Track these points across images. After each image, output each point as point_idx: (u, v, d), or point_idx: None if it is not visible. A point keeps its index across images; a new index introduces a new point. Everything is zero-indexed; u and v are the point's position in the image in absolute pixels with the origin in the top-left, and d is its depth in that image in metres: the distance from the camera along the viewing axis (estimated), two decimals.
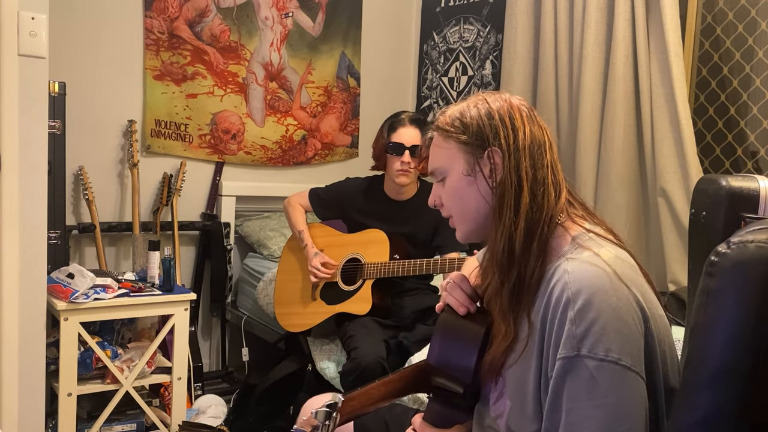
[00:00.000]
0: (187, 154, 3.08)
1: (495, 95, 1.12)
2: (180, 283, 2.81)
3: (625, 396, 0.91)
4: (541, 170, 1.06)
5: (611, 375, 0.90)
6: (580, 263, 0.98)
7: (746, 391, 0.79)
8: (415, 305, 2.35)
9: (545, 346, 0.98)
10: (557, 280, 0.98)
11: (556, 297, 0.96)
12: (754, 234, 0.81)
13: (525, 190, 1.04)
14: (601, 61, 2.65)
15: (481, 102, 1.11)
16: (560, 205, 1.07)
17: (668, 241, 2.44)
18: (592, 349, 0.91)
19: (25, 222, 1.95)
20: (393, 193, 2.42)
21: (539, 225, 1.04)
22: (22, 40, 1.90)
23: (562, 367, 0.93)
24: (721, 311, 0.81)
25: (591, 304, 0.93)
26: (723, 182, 0.96)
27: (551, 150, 1.09)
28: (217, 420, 2.60)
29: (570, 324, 0.93)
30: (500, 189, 1.06)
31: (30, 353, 2.02)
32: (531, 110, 1.11)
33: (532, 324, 1.02)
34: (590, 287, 0.94)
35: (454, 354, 1.11)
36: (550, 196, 1.05)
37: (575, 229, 1.05)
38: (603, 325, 0.92)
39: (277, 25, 3.29)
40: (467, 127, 1.09)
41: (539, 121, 1.11)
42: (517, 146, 1.06)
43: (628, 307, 0.94)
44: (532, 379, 1.00)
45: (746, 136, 2.44)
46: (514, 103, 1.10)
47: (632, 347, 0.93)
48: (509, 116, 1.08)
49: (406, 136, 2.30)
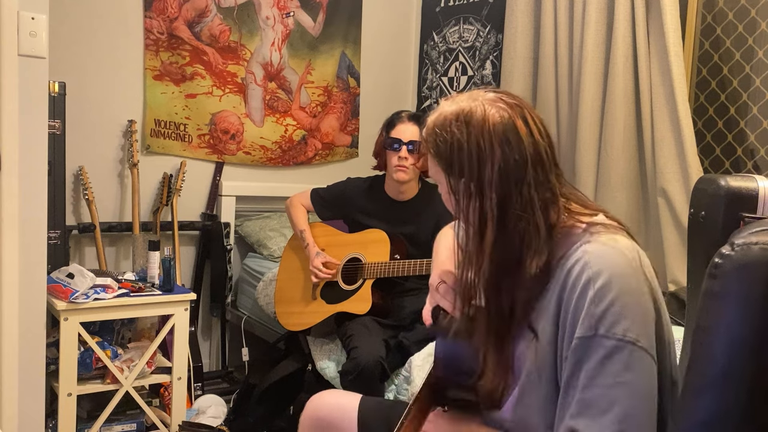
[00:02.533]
0: (186, 154, 3.08)
1: (474, 107, 1.04)
2: (180, 283, 2.81)
3: (640, 376, 0.92)
4: (518, 198, 1.00)
5: (628, 355, 0.91)
6: (601, 245, 0.98)
7: (749, 394, 0.79)
8: (415, 305, 2.34)
9: (560, 325, 0.98)
10: (576, 260, 0.97)
11: (575, 276, 0.96)
12: (758, 236, 0.81)
13: (488, 226, 1.01)
14: (601, 61, 2.65)
15: (457, 120, 1.04)
16: (559, 217, 1.03)
17: (668, 241, 2.44)
18: (610, 329, 0.92)
19: (25, 222, 1.95)
20: (394, 193, 2.42)
21: (525, 253, 1.01)
22: (22, 40, 1.89)
23: (579, 346, 0.93)
24: (724, 314, 0.81)
25: (611, 284, 0.93)
26: (722, 182, 0.96)
27: (537, 164, 1.02)
28: (217, 420, 2.60)
29: (589, 303, 0.93)
30: (470, 219, 1.04)
31: (30, 353, 2.02)
32: (512, 120, 1.03)
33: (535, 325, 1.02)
34: (610, 267, 0.94)
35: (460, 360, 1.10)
36: (537, 219, 1.01)
37: (585, 221, 1.04)
38: (622, 306, 0.92)
39: (279, 25, 3.29)
40: (441, 154, 1.06)
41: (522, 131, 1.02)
42: (482, 181, 1.01)
43: (645, 292, 0.95)
44: (548, 363, 1.00)
45: (746, 136, 2.43)
46: (489, 123, 1.02)
47: (648, 330, 0.94)
48: (477, 147, 1.01)
49: (404, 132, 2.31)
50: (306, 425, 1.46)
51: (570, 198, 1.08)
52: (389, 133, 2.34)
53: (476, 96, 1.08)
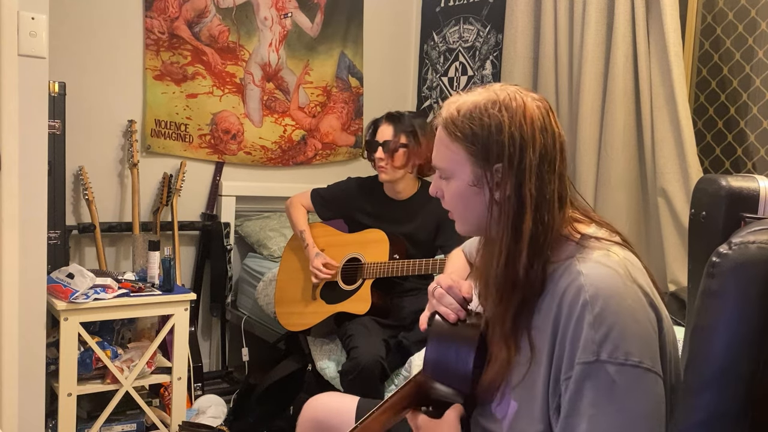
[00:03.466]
0: (187, 154, 3.08)
1: (510, 94, 1.04)
2: (180, 283, 2.81)
3: (647, 398, 0.91)
4: (549, 186, 1.01)
5: (632, 379, 0.90)
6: (594, 264, 0.97)
7: (747, 393, 0.79)
8: (414, 305, 2.34)
9: (557, 348, 0.97)
10: (571, 281, 0.97)
11: (571, 299, 0.95)
12: (756, 234, 0.82)
13: (528, 213, 1.00)
14: (601, 60, 2.65)
15: (493, 106, 1.03)
16: (565, 218, 1.03)
17: (668, 241, 2.44)
18: (612, 353, 0.91)
19: (25, 222, 1.95)
20: (391, 192, 2.43)
21: (544, 246, 1.00)
22: (22, 40, 1.89)
23: (581, 373, 0.92)
24: (722, 312, 0.81)
25: (609, 308, 0.92)
26: (723, 182, 0.96)
27: (562, 160, 1.04)
28: (217, 420, 2.60)
29: (588, 328, 0.92)
30: (504, 208, 1.01)
31: (30, 353, 2.02)
32: (548, 113, 1.05)
33: (533, 338, 1.01)
34: (606, 290, 0.93)
35: (450, 364, 1.09)
36: (555, 212, 1.01)
37: (579, 231, 1.04)
38: (621, 329, 0.91)
39: (276, 26, 3.29)
40: (477, 137, 1.02)
41: (553, 125, 1.04)
42: (523, 166, 1.00)
43: (642, 309, 0.94)
44: (541, 382, 0.99)
45: (746, 136, 2.43)
46: (528, 110, 1.02)
47: (651, 348, 0.93)
48: (520, 131, 1.01)
49: (381, 133, 2.35)
50: (304, 427, 1.45)
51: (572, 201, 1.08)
52: (371, 135, 2.39)
53: (504, 88, 1.06)
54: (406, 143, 2.30)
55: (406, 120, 2.33)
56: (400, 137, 2.30)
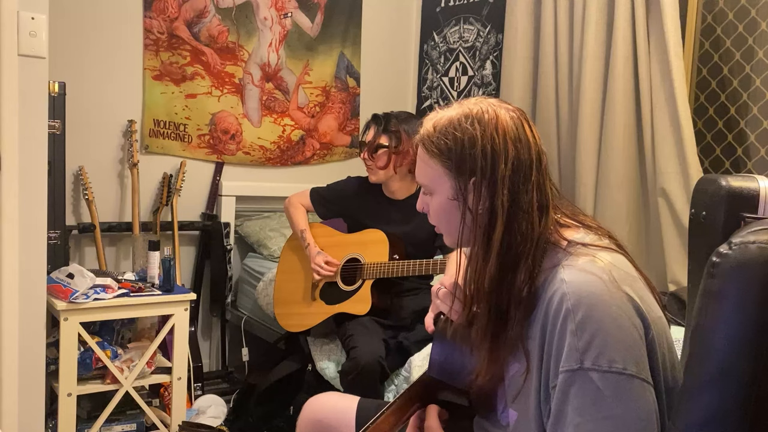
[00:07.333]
0: (186, 154, 3.08)
1: (484, 107, 1.06)
2: (180, 283, 2.80)
3: (633, 405, 0.90)
4: (525, 196, 1.02)
5: (617, 385, 0.90)
6: (577, 272, 0.97)
7: (747, 393, 0.79)
8: (414, 305, 2.34)
9: (545, 357, 0.98)
10: (555, 289, 0.97)
11: (555, 307, 0.96)
12: (756, 234, 0.81)
13: (499, 224, 1.01)
14: (601, 61, 2.65)
15: (466, 120, 1.05)
16: (548, 226, 1.04)
17: (668, 241, 2.44)
18: (596, 361, 0.91)
19: (25, 222, 1.95)
20: (388, 192, 2.43)
21: (522, 256, 1.01)
22: (22, 40, 1.89)
23: (565, 381, 0.92)
24: (722, 313, 0.81)
25: (591, 316, 0.92)
26: (723, 182, 0.96)
27: (539, 168, 1.04)
28: (217, 420, 2.60)
29: (571, 336, 0.92)
30: (477, 220, 1.04)
31: (30, 353, 2.02)
32: (522, 124, 1.06)
33: (527, 347, 1.01)
34: (589, 297, 0.93)
35: (455, 365, 1.09)
36: (534, 221, 1.02)
37: (566, 238, 1.04)
38: (604, 336, 0.91)
39: (276, 26, 3.29)
40: (451, 152, 1.05)
41: (528, 136, 1.05)
42: (495, 178, 1.02)
43: (627, 314, 0.93)
44: (534, 390, 1.00)
45: (746, 136, 2.43)
46: (501, 122, 1.04)
47: (636, 354, 0.92)
48: (491, 143, 1.02)
49: (367, 135, 2.38)
50: (304, 427, 1.45)
51: (558, 208, 1.09)
52: (362, 136, 2.42)
53: (478, 101, 1.09)
54: (386, 144, 2.31)
55: (391, 121, 2.33)
56: (381, 138, 2.31)
